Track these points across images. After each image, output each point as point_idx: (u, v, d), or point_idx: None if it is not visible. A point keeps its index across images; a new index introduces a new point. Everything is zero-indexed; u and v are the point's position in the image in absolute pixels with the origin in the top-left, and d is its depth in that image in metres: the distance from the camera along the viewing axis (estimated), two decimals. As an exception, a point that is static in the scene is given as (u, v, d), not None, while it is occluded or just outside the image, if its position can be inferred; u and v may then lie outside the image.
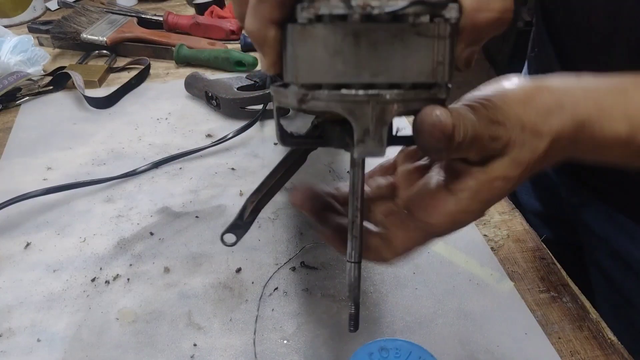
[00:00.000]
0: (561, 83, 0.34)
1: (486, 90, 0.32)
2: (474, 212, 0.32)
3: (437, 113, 0.28)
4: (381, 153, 0.29)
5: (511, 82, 0.32)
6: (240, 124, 0.73)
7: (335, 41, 0.28)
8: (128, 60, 0.93)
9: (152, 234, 0.58)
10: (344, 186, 0.37)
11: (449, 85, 0.30)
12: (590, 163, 0.38)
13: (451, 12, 0.28)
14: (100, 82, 0.87)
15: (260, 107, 0.76)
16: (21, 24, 1.09)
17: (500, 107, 0.31)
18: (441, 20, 0.28)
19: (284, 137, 0.34)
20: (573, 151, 0.34)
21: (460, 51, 0.30)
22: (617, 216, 0.61)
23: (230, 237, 0.41)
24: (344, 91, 0.28)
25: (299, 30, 0.28)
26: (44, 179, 0.66)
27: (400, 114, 0.29)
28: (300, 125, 0.76)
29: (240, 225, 0.42)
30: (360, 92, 0.28)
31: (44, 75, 0.87)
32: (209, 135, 0.74)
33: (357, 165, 0.33)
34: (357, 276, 0.33)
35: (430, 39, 0.28)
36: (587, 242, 0.68)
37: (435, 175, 0.34)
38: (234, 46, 0.98)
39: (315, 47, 0.28)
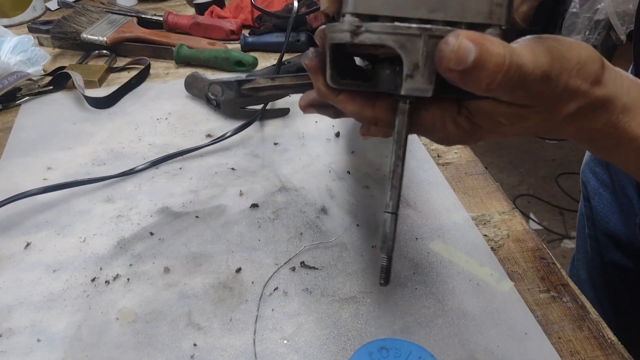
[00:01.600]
0: (619, 69, 0.33)
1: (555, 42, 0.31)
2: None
3: (453, 41, 0.27)
4: (429, 91, 0.29)
5: (577, 43, 0.31)
6: (240, 123, 0.73)
7: None
8: (128, 60, 0.93)
9: (152, 234, 0.58)
10: None
11: (504, 28, 0.30)
12: (605, 159, 0.37)
13: None
14: (100, 82, 0.87)
15: (260, 107, 0.76)
16: (21, 24, 1.09)
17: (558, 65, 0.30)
18: None
19: (334, 77, 0.33)
20: (592, 131, 0.33)
21: (518, 4, 0.30)
22: None
23: (216, 90, 0.42)
24: (397, 24, 0.28)
25: None
26: (44, 179, 0.66)
27: None
28: (299, 124, 0.76)
29: (233, 88, 0.43)
30: (414, 25, 0.28)
31: (44, 75, 0.87)
32: (209, 135, 0.74)
33: (403, 112, 0.32)
34: (393, 228, 0.33)
35: None
36: None
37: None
38: (234, 46, 0.98)
39: None
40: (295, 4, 0.74)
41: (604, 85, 0.31)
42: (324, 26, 0.34)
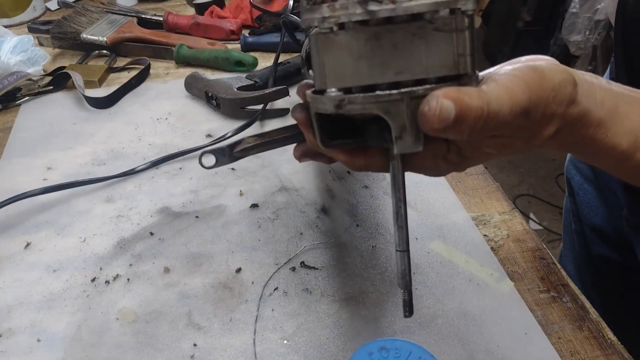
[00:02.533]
0: (590, 78, 0.35)
1: (526, 71, 0.32)
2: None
3: (434, 105, 0.29)
4: (418, 147, 0.31)
5: (549, 68, 0.32)
6: (240, 124, 0.73)
7: (358, 46, 0.29)
8: (128, 60, 0.93)
9: (152, 234, 0.58)
10: None
11: (477, 74, 0.31)
12: (589, 163, 0.38)
13: (467, 4, 0.29)
14: (100, 82, 0.87)
15: (260, 107, 0.76)
16: (21, 24, 1.09)
17: (533, 98, 0.31)
18: (458, 14, 0.29)
19: (324, 140, 0.35)
20: (572, 144, 0.35)
21: None
22: None
23: (209, 160, 0.42)
24: (378, 92, 0.29)
25: (322, 39, 0.30)
26: (44, 179, 0.66)
27: None
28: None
29: (226, 154, 0.43)
30: (394, 91, 0.29)
31: (44, 75, 0.87)
32: (209, 135, 0.74)
33: (396, 158, 0.34)
34: (407, 264, 0.34)
35: (449, 33, 0.29)
36: None
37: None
38: (234, 46, 0.98)
39: (339, 53, 0.29)
40: (291, 3, 0.74)
41: (578, 103, 0.33)
42: (303, 82, 0.36)
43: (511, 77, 0.31)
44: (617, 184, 0.68)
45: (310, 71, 0.34)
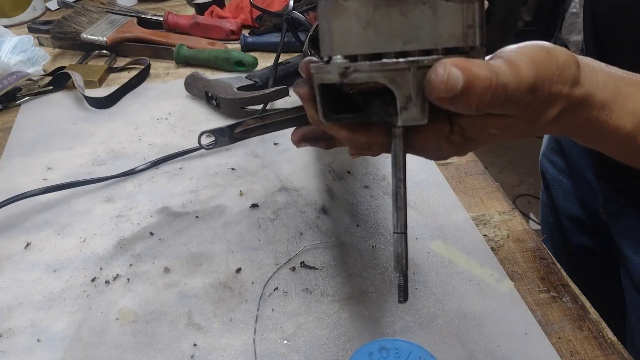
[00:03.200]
0: (591, 62, 0.35)
1: (530, 50, 0.32)
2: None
3: (441, 72, 0.28)
4: (423, 120, 0.30)
5: (553, 48, 0.32)
6: (240, 124, 0.73)
7: (366, 12, 0.29)
8: (128, 60, 0.93)
9: (152, 234, 0.58)
10: None
11: (484, 48, 0.31)
12: (592, 148, 0.38)
13: None
14: (100, 82, 0.87)
15: (260, 107, 0.76)
16: (21, 24, 1.09)
17: (538, 74, 0.31)
18: None
19: (326, 114, 0.34)
20: (576, 127, 0.35)
21: None
22: None
23: (209, 140, 0.42)
24: (384, 60, 0.29)
25: (331, 5, 0.29)
26: (44, 179, 0.66)
27: None
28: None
29: (226, 134, 0.42)
30: (401, 59, 0.29)
31: (44, 75, 0.87)
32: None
33: (398, 136, 0.33)
34: (404, 247, 0.34)
35: (459, 4, 0.29)
36: (621, 251, 0.67)
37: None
38: (234, 46, 0.98)
39: (348, 20, 0.29)
40: (291, 2, 0.74)
41: (581, 84, 0.33)
42: (307, 58, 0.35)
43: (517, 54, 0.31)
44: (591, 173, 0.70)
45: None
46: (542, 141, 0.83)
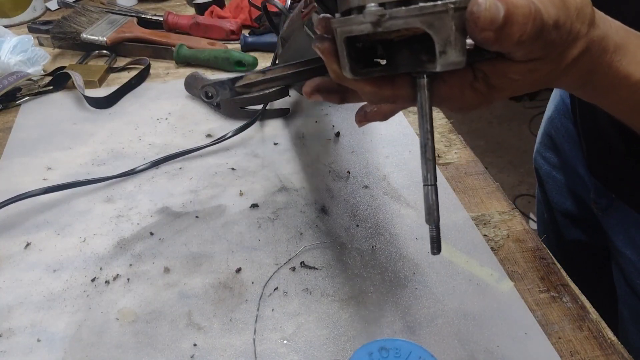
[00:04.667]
0: (602, 13, 0.35)
1: None
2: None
3: (482, 2, 0.28)
4: (462, 63, 0.30)
5: None
6: (240, 124, 0.73)
7: None
8: (128, 60, 0.93)
9: (152, 234, 0.58)
10: None
11: None
12: (600, 105, 0.39)
13: None
14: (100, 82, 0.87)
15: (260, 107, 0.76)
16: (21, 24, 1.09)
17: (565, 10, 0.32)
18: None
19: (353, 68, 0.33)
20: (590, 73, 0.35)
21: None
22: None
23: (210, 92, 0.41)
24: (422, 4, 0.28)
25: None
26: (44, 179, 0.66)
27: None
28: (299, 124, 0.76)
29: (227, 87, 0.41)
30: (438, 2, 0.28)
31: (44, 75, 0.87)
32: (209, 135, 0.74)
33: (423, 87, 0.32)
34: (435, 198, 0.34)
35: None
36: (612, 246, 0.68)
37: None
38: (234, 46, 0.98)
39: None
40: (288, 2, 0.74)
41: (597, 26, 0.34)
42: (322, 15, 0.34)
43: None
44: (583, 168, 0.71)
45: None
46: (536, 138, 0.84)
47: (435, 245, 0.35)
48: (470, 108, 0.37)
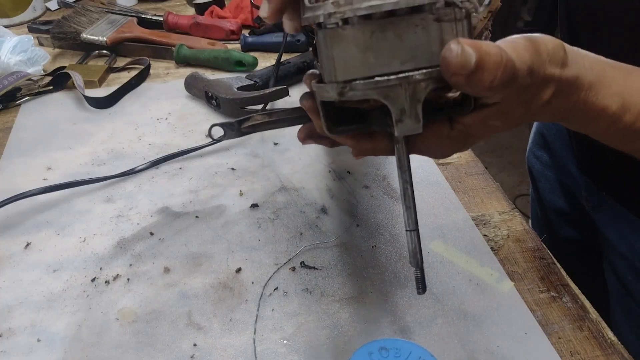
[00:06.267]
0: (577, 49, 0.37)
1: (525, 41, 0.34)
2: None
3: (455, 48, 0.29)
4: (418, 129, 0.32)
5: (541, 37, 0.34)
6: (240, 124, 0.73)
7: (364, 38, 0.31)
8: (128, 60, 0.93)
9: (152, 234, 0.58)
10: None
11: None
12: (580, 132, 0.40)
13: None
14: (100, 82, 0.87)
15: (260, 107, 0.76)
16: (21, 24, 1.09)
17: (538, 56, 0.33)
18: (456, 6, 0.30)
19: (329, 127, 0.36)
20: (566, 111, 0.37)
21: None
22: (633, 219, 0.61)
23: (218, 132, 0.45)
24: (377, 78, 0.31)
25: (329, 33, 0.31)
26: (44, 179, 0.66)
27: (433, 91, 0.32)
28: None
29: (234, 128, 0.45)
30: (392, 77, 0.31)
31: (44, 75, 0.87)
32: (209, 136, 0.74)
33: (400, 141, 0.35)
34: (417, 242, 0.35)
35: (449, 23, 0.31)
36: (604, 243, 0.69)
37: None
38: (234, 46, 0.98)
39: (347, 46, 0.31)
40: None
41: (569, 66, 0.35)
42: (309, 72, 0.37)
43: (510, 43, 0.33)
44: (574, 166, 0.72)
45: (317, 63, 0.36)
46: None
47: (421, 286, 0.36)
48: (449, 154, 0.40)
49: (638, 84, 0.37)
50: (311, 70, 0.38)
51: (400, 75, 0.31)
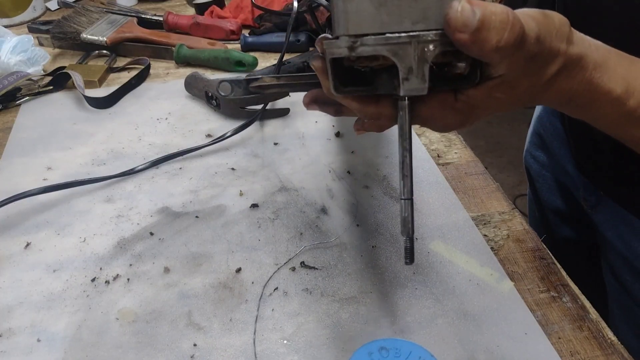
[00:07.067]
0: (581, 33, 0.36)
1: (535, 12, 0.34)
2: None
3: (456, 4, 0.30)
4: (424, 90, 0.33)
5: (548, 11, 0.34)
6: (240, 123, 0.73)
7: None
8: (128, 60, 0.93)
9: (152, 234, 0.58)
10: None
11: None
12: (584, 119, 0.40)
13: None
14: (100, 82, 0.87)
15: (260, 107, 0.76)
16: (21, 24, 1.09)
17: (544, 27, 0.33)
18: None
19: (337, 87, 0.37)
20: (571, 91, 0.36)
21: None
22: (630, 218, 0.61)
23: (226, 89, 0.45)
24: (388, 35, 0.32)
25: None
26: (44, 179, 0.66)
27: (441, 54, 0.32)
28: (299, 124, 0.76)
29: (242, 86, 0.46)
30: (403, 34, 0.32)
31: (44, 75, 0.87)
32: (209, 135, 0.74)
33: (404, 108, 0.35)
34: (410, 212, 0.36)
35: None
36: (602, 242, 0.69)
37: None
38: (234, 46, 0.98)
39: (361, 1, 0.32)
40: (295, 4, 0.74)
41: (575, 44, 0.35)
42: (322, 35, 0.37)
43: (519, 11, 0.32)
44: (572, 166, 0.72)
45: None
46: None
47: (409, 256, 0.37)
48: (452, 128, 0.39)
49: None
50: (323, 34, 0.38)
51: (411, 33, 0.31)
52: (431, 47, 0.32)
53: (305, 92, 0.45)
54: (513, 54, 0.31)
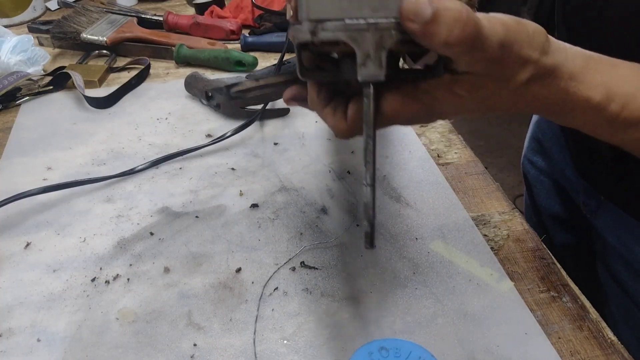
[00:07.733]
0: (560, 42, 0.36)
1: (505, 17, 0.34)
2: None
3: None
4: (380, 76, 0.33)
5: (524, 19, 0.34)
6: (240, 123, 0.73)
7: None
8: (128, 60, 0.93)
9: (152, 234, 0.58)
10: None
11: None
12: (566, 125, 0.40)
13: None
14: (100, 82, 0.87)
15: (260, 107, 0.76)
16: (21, 24, 1.09)
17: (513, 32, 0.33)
18: None
19: (302, 70, 0.38)
20: (547, 99, 0.36)
21: None
22: (631, 221, 0.61)
23: (209, 92, 0.46)
24: (347, 21, 0.32)
25: None
26: (44, 179, 0.66)
27: (400, 43, 0.32)
28: (299, 124, 0.76)
29: (223, 93, 0.48)
30: (362, 21, 0.32)
31: (44, 75, 0.87)
32: (208, 135, 0.74)
33: (368, 95, 0.36)
34: (371, 198, 0.36)
35: None
36: (601, 246, 0.68)
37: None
38: (234, 46, 0.98)
39: None
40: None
41: (550, 55, 0.35)
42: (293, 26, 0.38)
43: (490, 15, 0.33)
44: (571, 171, 0.71)
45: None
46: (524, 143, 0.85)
47: (369, 241, 0.37)
48: (416, 121, 0.39)
49: (622, 74, 0.37)
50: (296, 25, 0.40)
51: (370, 20, 0.32)
52: (388, 34, 0.32)
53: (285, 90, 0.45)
54: (470, 53, 0.32)
